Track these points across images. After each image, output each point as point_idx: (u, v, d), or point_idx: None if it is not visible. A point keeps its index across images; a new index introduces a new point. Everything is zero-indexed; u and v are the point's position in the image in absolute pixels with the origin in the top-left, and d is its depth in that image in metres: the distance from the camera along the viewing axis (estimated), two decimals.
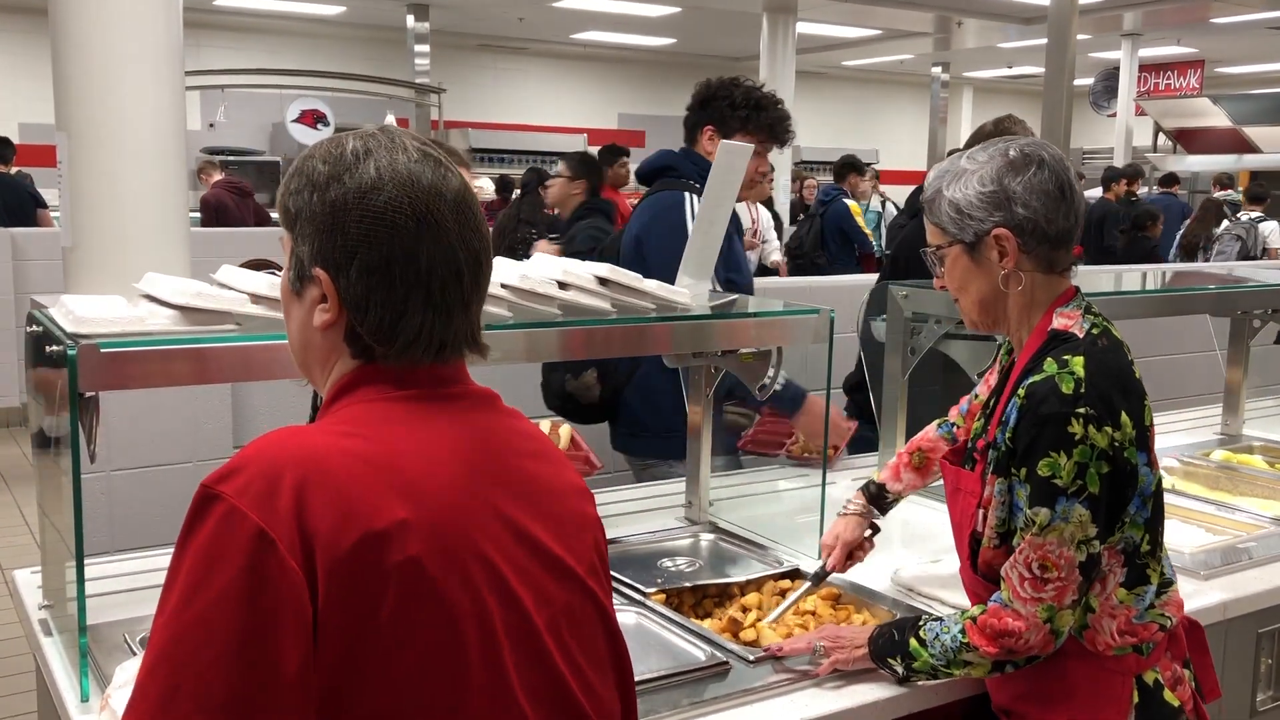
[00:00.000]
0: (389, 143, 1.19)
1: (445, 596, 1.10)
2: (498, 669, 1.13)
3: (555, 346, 2.10)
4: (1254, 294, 3.41)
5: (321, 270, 1.17)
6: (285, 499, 1.05)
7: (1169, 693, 1.75)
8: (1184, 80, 17.36)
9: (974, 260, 1.78)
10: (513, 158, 15.63)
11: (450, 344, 1.21)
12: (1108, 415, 1.64)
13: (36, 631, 1.91)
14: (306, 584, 1.04)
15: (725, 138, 3.06)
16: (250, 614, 1.02)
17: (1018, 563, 1.67)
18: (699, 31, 16.04)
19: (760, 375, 2.40)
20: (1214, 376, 3.78)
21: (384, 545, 1.07)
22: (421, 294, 1.16)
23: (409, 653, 1.08)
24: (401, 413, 1.18)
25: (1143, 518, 1.72)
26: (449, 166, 1.21)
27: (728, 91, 3.12)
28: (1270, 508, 2.77)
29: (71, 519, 1.64)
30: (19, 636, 2.36)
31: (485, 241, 1.22)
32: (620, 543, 2.39)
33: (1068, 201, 1.74)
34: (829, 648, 1.81)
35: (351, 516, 1.06)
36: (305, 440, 1.12)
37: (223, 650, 1.02)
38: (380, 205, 1.15)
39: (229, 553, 1.04)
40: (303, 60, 14.02)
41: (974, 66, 19.91)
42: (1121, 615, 1.73)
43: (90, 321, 1.69)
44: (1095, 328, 1.76)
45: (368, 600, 1.06)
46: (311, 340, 1.23)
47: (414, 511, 1.10)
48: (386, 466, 1.11)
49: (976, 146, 1.80)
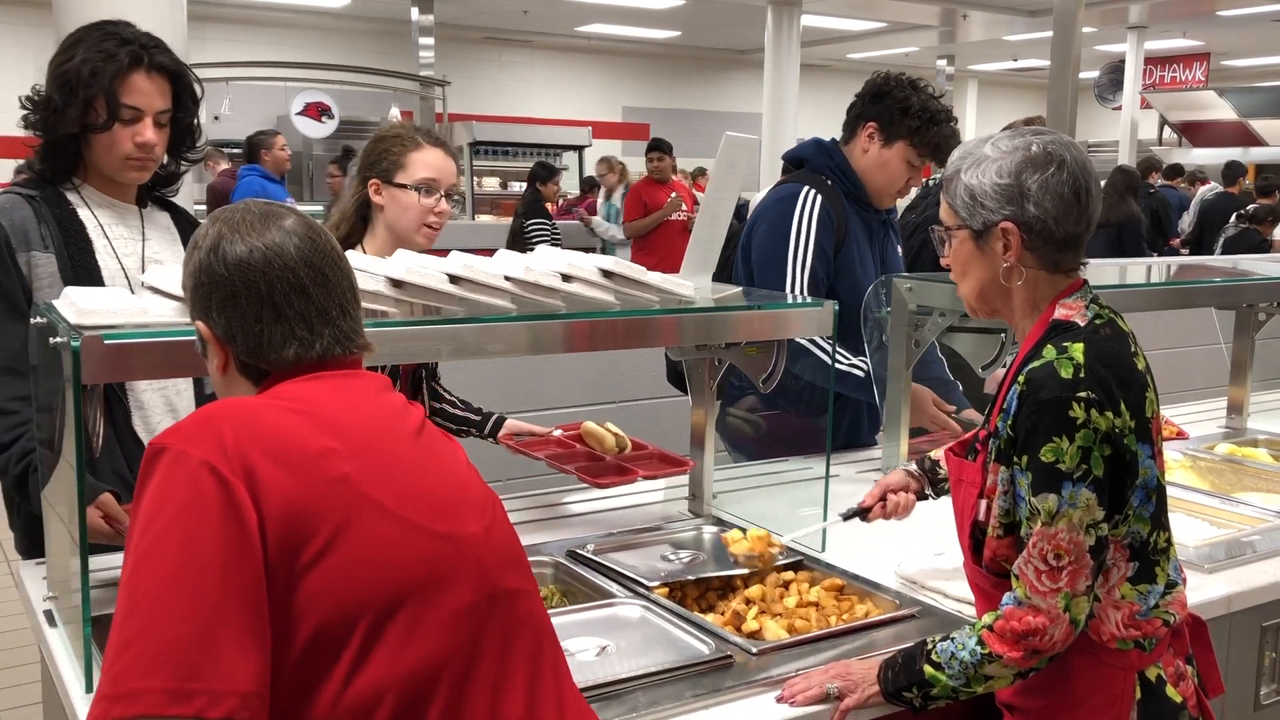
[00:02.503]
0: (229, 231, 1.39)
1: (376, 502, 1.27)
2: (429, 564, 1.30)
3: (558, 339, 2.09)
4: (1259, 287, 3.40)
5: (199, 321, 1.40)
6: (228, 439, 1.21)
7: (1171, 688, 1.74)
8: (1189, 73, 17.33)
9: (979, 247, 1.77)
10: (517, 151, 15.59)
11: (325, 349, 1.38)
12: (1108, 400, 1.64)
13: (41, 623, 1.91)
14: (252, 503, 1.18)
15: (888, 141, 2.95)
16: (203, 528, 1.15)
17: (1032, 557, 1.65)
18: (704, 24, 16.03)
19: (764, 368, 2.39)
20: (1219, 369, 3.77)
21: (318, 463, 1.25)
22: (270, 310, 1.36)
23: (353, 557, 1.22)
24: (316, 384, 1.37)
25: (1148, 512, 1.71)
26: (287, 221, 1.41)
27: (904, 93, 2.94)
28: (1275, 501, 2.77)
29: (76, 509, 1.64)
30: (25, 628, 2.36)
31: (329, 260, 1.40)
32: (624, 536, 2.39)
33: (1081, 206, 1.73)
34: (843, 689, 1.74)
35: (287, 445, 1.25)
36: (242, 402, 1.33)
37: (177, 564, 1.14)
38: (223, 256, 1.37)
39: (179, 484, 1.18)
40: (307, 53, 13.98)
41: (979, 60, 19.87)
42: (1125, 608, 1.72)
43: (94, 313, 1.70)
44: (1099, 318, 1.75)
45: (309, 512, 1.21)
46: (228, 393, 1.42)
47: (341, 443, 1.29)
48: (312, 414, 1.31)
49: (1002, 133, 1.78)
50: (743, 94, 19.09)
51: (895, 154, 2.97)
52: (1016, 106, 22.26)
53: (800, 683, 1.75)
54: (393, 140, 2.50)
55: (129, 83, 2.19)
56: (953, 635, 1.72)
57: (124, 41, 2.20)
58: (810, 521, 2.26)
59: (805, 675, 1.77)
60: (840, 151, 3.05)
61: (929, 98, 2.95)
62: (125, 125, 2.20)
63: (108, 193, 2.30)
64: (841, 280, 2.96)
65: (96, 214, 2.28)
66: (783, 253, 2.92)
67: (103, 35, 2.20)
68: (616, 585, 2.12)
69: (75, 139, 2.21)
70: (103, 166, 2.25)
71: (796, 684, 1.75)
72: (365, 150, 2.55)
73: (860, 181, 3.03)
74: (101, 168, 2.25)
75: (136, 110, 2.21)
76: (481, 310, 1.96)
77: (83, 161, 2.26)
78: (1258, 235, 9.49)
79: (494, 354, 1.99)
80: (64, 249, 2.19)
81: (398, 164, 2.47)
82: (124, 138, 2.21)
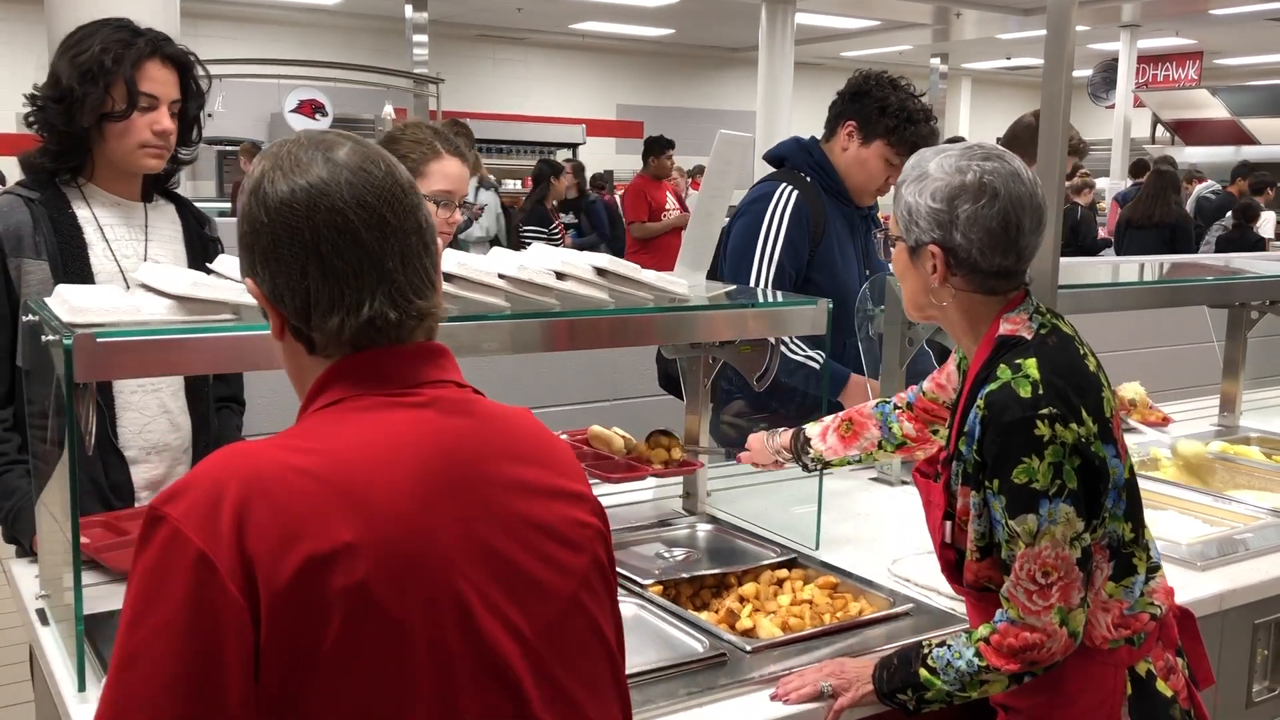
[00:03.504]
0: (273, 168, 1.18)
1: (394, 622, 1.06)
2: (448, 702, 1.09)
3: (552, 337, 2.09)
4: (1252, 285, 3.41)
5: (248, 278, 1.21)
6: (226, 521, 1.03)
7: (1161, 683, 1.75)
8: (1182, 72, 17.35)
9: (911, 261, 1.79)
10: (511, 148, 15.59)
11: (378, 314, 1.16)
12: (1070, 412, 1.63)
13: (33, 621, 1.90)
14: (249, 609, 1.02)
15: (867, 140, 2.98)
16: (192, 642, 1.02)
17: (1020, 580, 1.64)
18: (698, 22, 16.02)
19: (758, 366, 2.40)
20: (1211, 368, 3.78)
21: (327, 570, 1.03)
22: (316, 263, 1.15)
23: (354, 682, 1.05)
24: (359, 422, 1.15)
25: (1121, 509, 1.72)
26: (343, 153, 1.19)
27: (883, 92, 2.97)
28: (1267, 499, 2.78)
29: (68, 508, 1.64)
30: (17, 626, 2.36)
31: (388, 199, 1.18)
32: (618, 534, 2.39)
33: (1010, 240, 1.70)
34: (837, 687, 1.74)
35: (294, 539, 1.04)
36: (252, 458, 1.10)
37: (168, 676, 1.02)
38: (264, 198, 1.17)
39: (173, 577, 1.03)
40: (301, 50, 13.96)
41: (973, 58, 19.88)
42: (1114, 608, 1.73)
43: (86, 311, 1.69)
44: (1043, 327, 1.74)
45: (310, 628, 1.03)
46: (289, 363, 1.24)
47: (363, 532, 1.06)
48: (335, 483, 1.08)
49: (954, 150, 1.75)
50: (737, 92, 19.10)
51: (873, 152, 3.00)
52: (1010, 105, 22.30)
53: (795, 680, 1.75)
54: (412, 145, 2.45)
55: (146, 71, 2.21)
56: (949, 642, 1.71)
57: (136, 33, 2.22)
58: (806, 520, 2.26)
59: (800, 673, 1.77)
60: (820, 149, 3.08)
61: (907, 96, 2.98)
62: (143, 114, 2.21)
63: (113, 190, 2.29)
64: (820, 273, 2.98)
65: (98, 214, 2.27)
66: (751, 247, 2.94)
67: (115, 28, 2.21)
68: None
69: (87, 133, 2.20)
70: (118, 157, 2.24)
71: (791, 681, 1.75)
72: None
73: (840, 178, 3.06)
74: (117, 158, 2.24)
75: (154, 98, 2.22)
76: (475, 308, 1.96)
77: (90, 159, 2.26)
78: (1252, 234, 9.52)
79: (488, 352, 1.98)
80: (58, 255, 2.19)
81: (416, 172, 2.41)
82: (142, 126, 2.21)
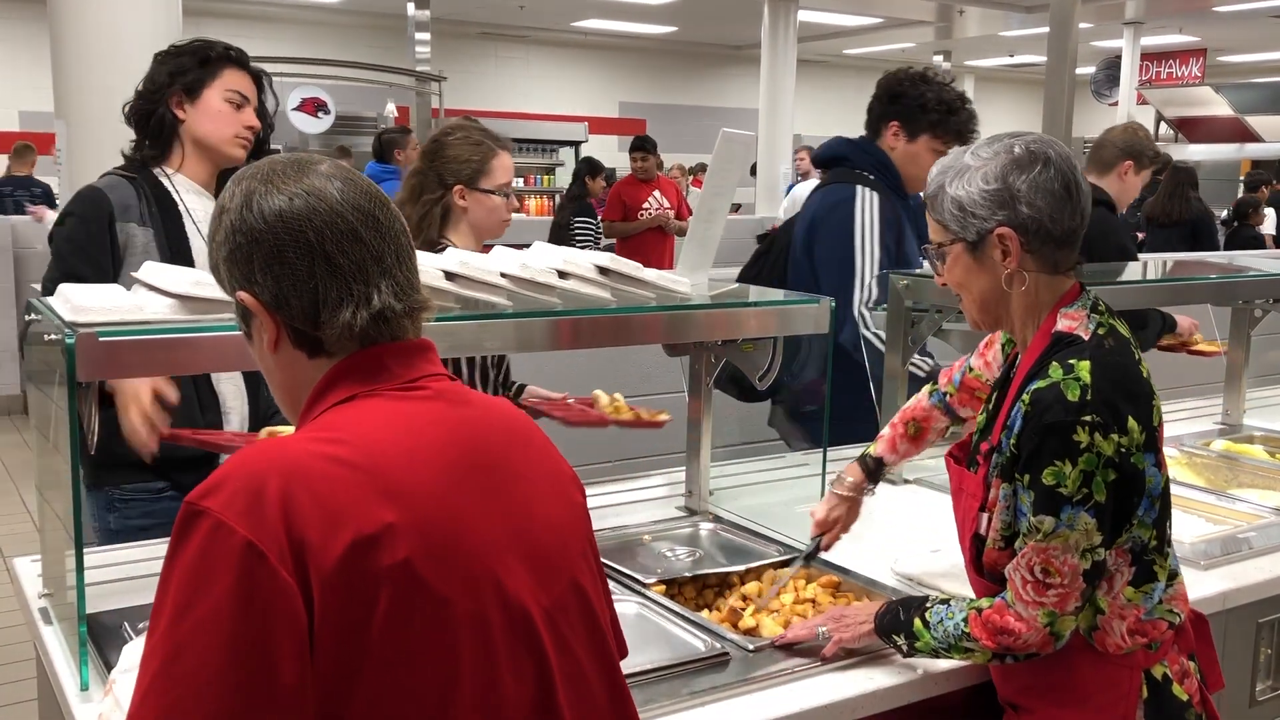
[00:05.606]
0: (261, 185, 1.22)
1: (438, 597, 1.10)
2: (489, 672, 1.13)
3: (554, 336, 2.09)
4: (1255, 283, 3.40)
5: (240, 292, 1.21)
6: (271, 509, 1.05)
7: (1177, 686, 1.74)
8: (1186, 69, 17.32)
9: (976, 259, 1.74)
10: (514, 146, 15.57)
11: (386, 305, 1.21)
12: (1114, 422, 1.61)
13: (36, 620, 1.91)
14: (300, 593, 1.04)
15: (912, 137, 3.07)
16: (245, 627, 1.02)
17: (1020, 565, 1.66)
18: (700, 19, 16.01)
19: (760, 365, 2.39)
20: (1215, 366, 3.77)
21: (373, 550, 1.07)
22: (323, 262, 1.19)
23: (404, 656, 1.08)
24: (377, 412, 1.19)
25: (1151, 518, 1.70)
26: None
27: (918, 90, 3.07)
28: (1270, 498, 2.77)
29: (71, 506, 1.64)
30: (19, 624, 2.36)
31: (376, 203, 1.23)
32: (620, 533, 2.39)
33: (1073, 201, 1.71)
34: (834, 628, 1.81)
35: (338, 523, 1.06)
36: (286, 450, 1.12)
37: (220, 666, 1.02)
38: (259, 210, 1.20)
39: (219, 566, 1.03)
40: (303, 48, 13.95)
41: (975, 55, 19.85)
42: (1131, 615, 1.72)
43: (88, 310, 1.69)
44: (1101, 327, 1.72)
45: (362, 606, 1.06)
46: (282, 374, 1.25)
47: (402, 513, 1.10)
48: (369, 469, 1.11)
49: (981, 141, 1.76)
50: (739, 89, 19.08)
51: (921, 146, 3.10)
52: (1013, 102, 22.29)
53: (796, 627, 1.87)
54: (472, 147, 2.70)
55: (236, 75, 2.55)
56: (950, 600, 1.76)
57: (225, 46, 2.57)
58: (806, 517, 2.26)
59: (802, 622, 1.89)
60: (877, 147, 3.14)
61: (942, 87, 3.08)
62: (236, 110, 2.53)
63: (195, 178, 2.55)
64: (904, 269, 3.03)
65: (184, 199, 2.53)
66: (849, 254, 3.01)
67: (203, 44, 2.55)
68: (613, 582, 2.12)
69: (179, 125, 2.49)
70: (215, 140, 2.52)
71: (791, 630, 1.87)
72: (439, 154, 2.69)
73: (899, 174, 3.14)
74: (213, 141, 2.52)
75: (244, 98, 2.54)
76: (477, 307, 1.96)
77: (181, 150, 2.53)
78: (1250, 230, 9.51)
79: (490, 350, 1.99)
80: (160, 224, 2.46)
81: (481, 170, 2.68)
82: (236, 120, 2.53)
